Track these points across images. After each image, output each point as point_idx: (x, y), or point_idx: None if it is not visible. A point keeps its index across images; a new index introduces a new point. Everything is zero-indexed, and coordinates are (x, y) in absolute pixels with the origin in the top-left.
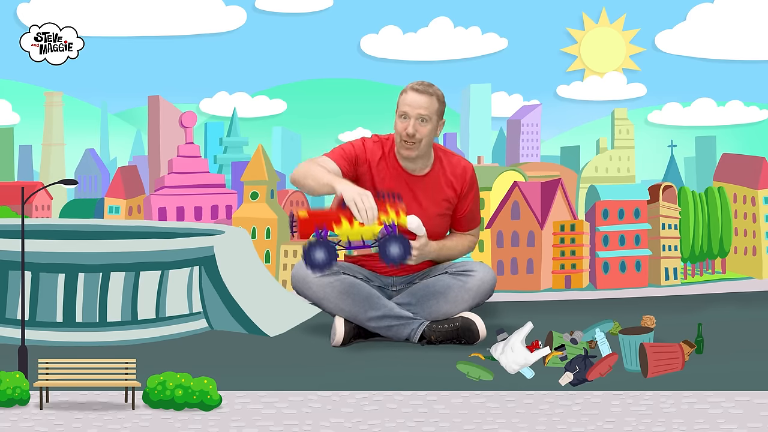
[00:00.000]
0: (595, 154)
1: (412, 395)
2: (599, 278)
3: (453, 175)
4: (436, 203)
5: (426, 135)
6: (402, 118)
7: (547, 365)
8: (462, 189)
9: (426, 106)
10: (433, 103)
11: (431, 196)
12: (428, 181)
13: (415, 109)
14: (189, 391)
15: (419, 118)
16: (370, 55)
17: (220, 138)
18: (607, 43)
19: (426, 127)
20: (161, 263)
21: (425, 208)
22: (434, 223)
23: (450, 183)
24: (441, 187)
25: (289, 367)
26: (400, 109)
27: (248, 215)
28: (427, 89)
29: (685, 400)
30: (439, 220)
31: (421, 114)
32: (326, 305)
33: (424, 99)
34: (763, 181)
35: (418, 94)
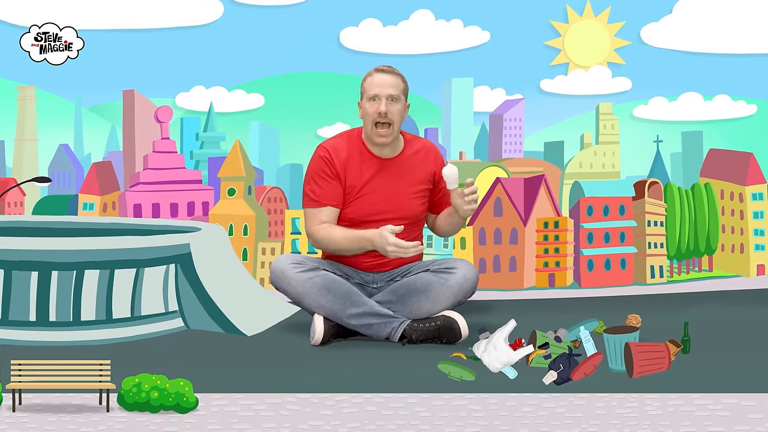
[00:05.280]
0: (579, 150)
1: (392, 397)
2: (583, 276)
3: (424, 157)
4: (411, 184)
5: (397, 115)
6: (372, 101)
7: (531, 364)
8: (435, 170)
9: (395, 85)
10: (400, 83)
11: (406, 177)
12: (400, 163)
13: (385, 89)
14: (165, 393)
15: (389, 98)
16: (349, 48)
17: (197, 133)
18: (591, 36)
19: (396, 107)
20: (136, 261)
21: (401, 189)
22: (412, 204)
23: (421, 164)
24: (413, 168)
25: (267, 368)
26: (370, 92)
27: (225, 212)
28: (393, 70)
29: (671, 402)
30: (416, 200)
31: (392, 94)
32: (306, 301)
33: (392, 78)
34: (750, 177)
35: (385, 74)
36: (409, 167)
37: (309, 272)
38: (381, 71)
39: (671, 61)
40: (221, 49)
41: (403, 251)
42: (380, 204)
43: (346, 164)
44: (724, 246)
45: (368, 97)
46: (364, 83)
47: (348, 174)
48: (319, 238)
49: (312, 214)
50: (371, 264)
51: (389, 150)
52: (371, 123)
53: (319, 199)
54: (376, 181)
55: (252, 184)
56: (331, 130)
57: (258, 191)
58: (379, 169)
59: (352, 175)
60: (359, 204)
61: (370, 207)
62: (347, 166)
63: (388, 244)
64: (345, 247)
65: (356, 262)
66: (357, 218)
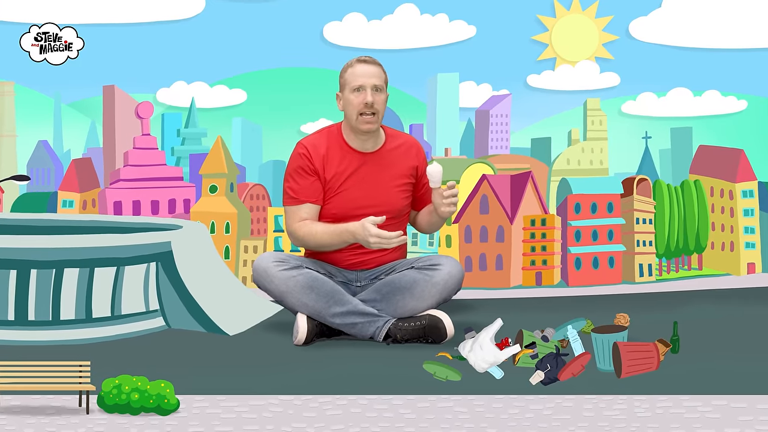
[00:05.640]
0: (566, 146)
1: (376, 399)
2: (571, 275)
3: (406, 151)
4: (393, 177)
5: (382, 105)
6: (357, 92)
7: (518, 364)
8: (418, 165)
9: (378, 75)
10: (382, 73)
11: (387, 171)
12: (382, 157)
13: (370, 79)
14: (145, 395)
15: (374, 88)
16: (333, 43)
17: (178, 129)
18: (579, 30)
19: (381, 97)
20: (116, 259)
21: (383, 182)
22: (395, 198)
23: (403, 158)
24: (395, 161)
25: (249, 368)
26: (354, 83)
27: (207, 209)
28: (374, 60)
29: (660, 404)
30: (399, 194)
31: (376, 84)
32: (289, 300)
33: (374, 69)
34: (741, 174)
35: (368, 65)
36: (390, 161)
37: (292, 270)
38: (363, 62)
39: (660, 56)
40: (203, 43)
41: (385, 242)
42: (362, 198)
43: (325, 160)
44: (713, 244)
45: (352, 89)
46: (345, 74)
47: (328, 169)
48: (301, 236)
49: (292, 212)
50: (354, 261)
51: (370, 144)
52: (356, 114)
53: (298, 196)
54: (357, 175)
55: (234, 181)
56: (314, 126)
57: (240, 188)
58: (361, 163)
59: (332, 170)
60: (341, 199)
61: (352, 201)
62: (326, 162)
63: (370, 235)
64: (327, 241)
65: (339, 259)
66: (339, 213)
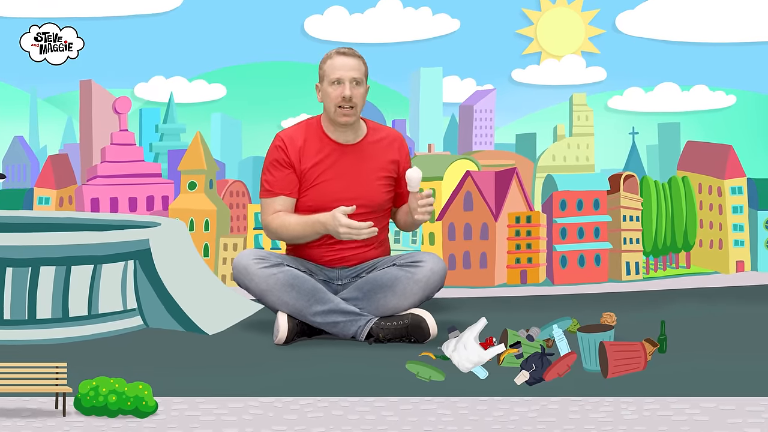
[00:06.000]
0: (552, 142)
1: (358, 401)
2: (557, 273)
3: (388, 145)
4: (373, 170)
5: (360, 98)
6: (335, 85)
7: (502, 364)
8: (402, 159)
9: (357, 68)
10: (361, 66)
11: (367, 163)
12: (362, 149)
13: (348, 72)
14: (123, 397)
15: (353, 81)
16: (314, 37)
17: (156, 125)
18: (564, 24)
19: (360, 90)
20: (94, 257)
21: (363, 175)
22: (375, 192)
23: (385, 151)
24: (376, 154)
25: (229, 368)
26: (332, 75)
27: (186, 206)
28: (354, 52)
29: (648, 407)
30: (379, 188)
31: (355, 77)
32: (269, 298)
33: (354, 61)
34: (729, 170)
35: (347, 57)
36: (371, 153)
37: (272, 268)
38: (342, 54)
39: (647, 51)
40: (181, 37)
41: (355, 232)
42: (341, 191)
43: (302, 152)
44: (702, 242)
45: (330, 81)
46: (324, 66)
47: (305, 161)
48: (274, 227)
49: (266, 204)
50: (334, 258)
51: (351, 135)
52: (334, 106)
53: (273, 188)
54: (336, 167)
55: (213, 178)
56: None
57: (220, 185)
58: (340, 154)
59: (309, 161)
60: (319, 191)
61: (331, 194)
62: (304, 154)
63: (340, 225)
64: (299, 233)
65: (318, 256)
66: (317, 206)
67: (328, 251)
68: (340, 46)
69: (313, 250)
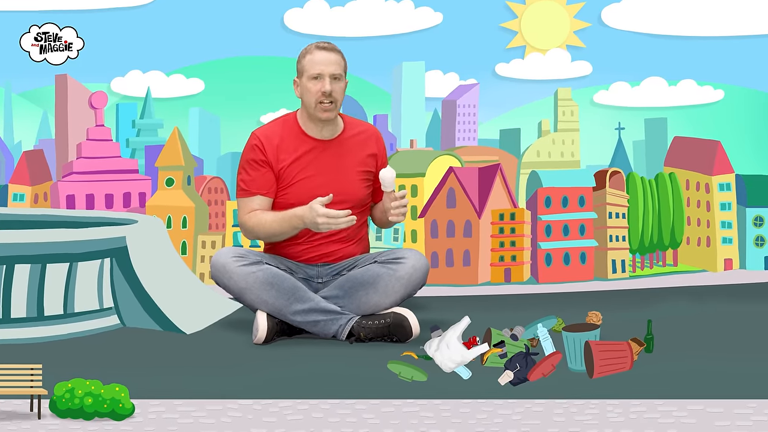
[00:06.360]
0: (536, 138)
1: (339, 403)
2: (541, 271)
3: (365, 140)
4: (352, 165)
5: (340, 94)
6: (315, 80)
7: (486, 364)
8: (379, 153)
9: (337, 63)
10: (341, 61)
11: (346, 158)
12: (340, 144)
13: (328, 67)
14: (99, 400)
15: (333, 77)
16: (294, 30)
17: (133, 120)
18: (549, 17)
19: (340, 85)
20: (69, 255)
21: (342, 170)
22: (355, 187)
23: (363, 146)
24: (354, 149)
25: (207, 368)
26: (312, 71)
27: (163, 203)
28: (334, 47)
29: (634, 409)
30: (359, 183)
31: (334, 72)
32: (248, 297)
33: (334, 56)
34: (717, 166)
35: (327, 52)
36: (349, 148)
37: (252, 266)
38: (322, 48)
39: (634, 44)
40: (159, 31)
41: (333, 222)
42: (321, 187)
43: (279, 149)
44: (689, 239)
45: (310, 76)
46: (303, 60)
47: (282, 158)
48: (251, 226)
49: (243, 204)
50: (314, 255)
51: (328, 131)
52: (314, 102)
53: (249, 187)
54: (315, 163)
55: (191, 174)
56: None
57: (198, 181)
58: (318, 150)
59: (287, 158)
60: (299, 188)
61: (311, 190)
62: (281, 151)
63: (318, 215)
64: (277, 229)
65: (298, 253)
66: (298, 203)
67: (308, 248)
68: (318, 41)
69: (292, 247)
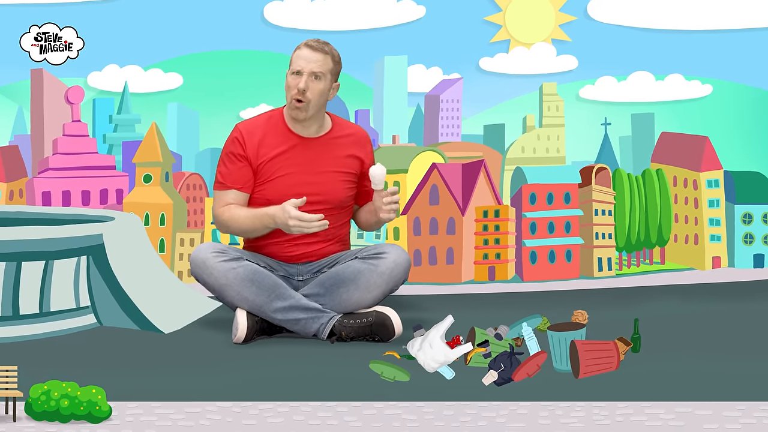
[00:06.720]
0: (521, 133)
1: (320, 406)
2: (526, 269)
3: (353, 143)
4: (335, 166)
5: (317, 94)
6: (295, 75)
7: (469, 364)
8: (366, 158)
9: (320, 62)
10: (327, 62)
11: (329, 158)
12: (324, 143)
13: (309, 64)
14: (76, 402)
15: (312, 75)
16: (274, 24)
17: (110, 115)
18: (534, 11)
19: (318, 85)
20: (45, 253)
21: (324, 170)
22: (336, 188)
23: (349, 148)
24: (338, 150)
25: (185, 368)
26: (294, 65)
27: (141, 200)
28: (323, 47)
29: (621, 411)
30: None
31: (314, 71)
32: (228, 293)
33: (318, 56)
34: (705, 162)
35: (312, 50)
36: (333, 148)
37: (232, 262)
38: (309, 46)
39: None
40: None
41: (305, 225)
42: (300, 185)
43: (260, 145)
44: (677, 237)
45: (291, 71)
46: (292, 56)
47: (263, 153)
48: (224, 220)
49: (218, 196)
50: (294, 254)
51: (313, 129)
52: (290, 97)
53: (225, 181)
54: (296, 161)
55: (170, 170)
56: (254, 112)
57: (176, 178)
58: (301, 148)
59: (268, 154)
60: (278, 185)
61: (289, 188)
62: (262, 147)
63: (289, 217)
64: (249, 226)
65: (278, 251)
66: (276, 200)
67: (288, 246)
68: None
69: (272, 246)
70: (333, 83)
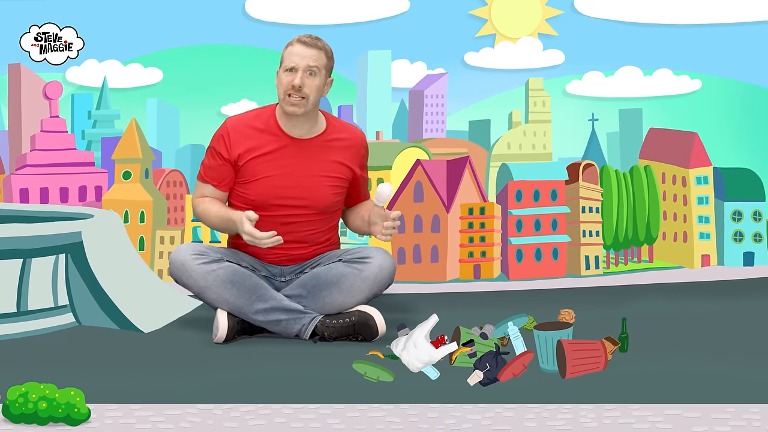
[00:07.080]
0: (507, 129)
1: (302, 408)
2: (512, 267)
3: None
4: (325, 170)
5: (314, 90)
6: (289, 72)
7: (454, 364)
8: (358, 164)
9: (315, 57)
10: (321, 57)
11: (319, 162)
12: (315, 145)
13: (304, 59)
14: (54, 404)
15: (307, 71)
16: (255, 18)
17: (89, 111)
18: (520, 5)
19: (314, 81)
20: (22, 251)
21: (312, 173)
22: (322, 193)
23: (343, 152)
24: (330, 153)
25: (165, 369)
26: (287, 62)
27: (120, 197)
28: (316, 42)
29: (608, 413)
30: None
31: (310, 66)
32: (208, 295)
33: (312, 51)
34: (694, 159)
35: (306, 46)
36: (324, 151)
37: (212, 264)
38: (302, 42)
39: (608, 33)
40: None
41: (257, 242)
42: (285, 188)
43: (247, 143)
44: (665, 234)
45: (285, 68)
46: (284, 52)
47: (249, 153)
48: (198, 212)
49: (198, 186)
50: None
51: (304, 129)
52: (284, 94)
53: (205, 174)
54: (283, 162)
55: (149, 167)
56: (235, 108)
57: (156, 174)
58: (288, 150)
59: (253, 153)
60: (262, 186)
61: (274, 190)
62: (249, 145)
63: (243, 232)
64: (218, 225)
65: (259, 253)
66: (260, 201)
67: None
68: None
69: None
70: (327, 79)
